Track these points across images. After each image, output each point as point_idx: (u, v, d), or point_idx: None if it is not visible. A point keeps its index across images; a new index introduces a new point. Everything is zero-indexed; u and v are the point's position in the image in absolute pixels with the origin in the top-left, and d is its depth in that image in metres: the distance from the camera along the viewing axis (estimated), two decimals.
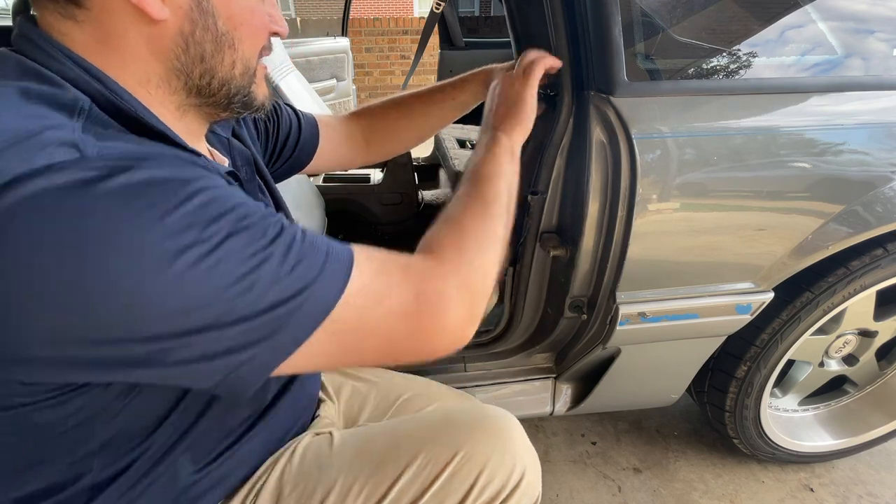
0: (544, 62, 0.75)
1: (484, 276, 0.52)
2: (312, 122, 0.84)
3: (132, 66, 0.43)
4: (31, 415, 0.41)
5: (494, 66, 0.85)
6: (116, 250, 0.33)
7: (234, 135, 0.65)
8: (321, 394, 0.78)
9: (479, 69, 0.86)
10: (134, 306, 0.35)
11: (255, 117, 0.75)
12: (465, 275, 0.50)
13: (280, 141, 0.78)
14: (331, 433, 0.67)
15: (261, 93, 0.52)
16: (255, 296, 0.38)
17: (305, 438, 0.66)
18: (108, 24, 0.41)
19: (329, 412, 0.75)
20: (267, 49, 0.51)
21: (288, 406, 0.64)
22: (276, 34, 0.51)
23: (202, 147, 0.54)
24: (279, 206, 0.68)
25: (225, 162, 0.59)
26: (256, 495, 0.60)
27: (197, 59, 0.45)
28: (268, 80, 1.67)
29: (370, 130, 0.89)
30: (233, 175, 0.53)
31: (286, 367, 0.42)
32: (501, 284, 1.04)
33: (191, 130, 0.50)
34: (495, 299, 1.09)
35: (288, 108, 0.82)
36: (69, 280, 0.33)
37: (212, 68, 0.46)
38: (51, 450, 0.45)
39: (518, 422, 0.67)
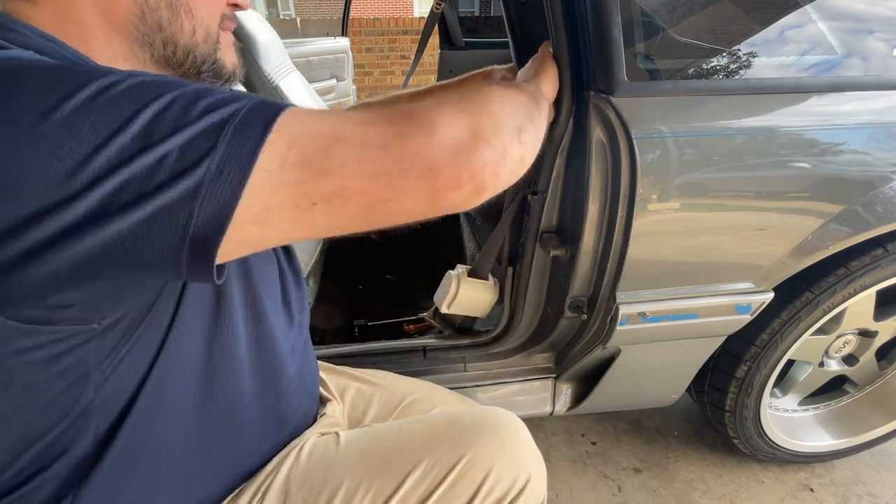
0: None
1: (495, 123, 0.43)
2: None
3: (96, 43, 0.43)
4: (23, 372, 0.40)
5: (494, 66, 0.85)
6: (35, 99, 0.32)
7: None
8: (325, 393, 0.78)
9: (479, 70, 0.86)
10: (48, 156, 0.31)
11: None
12: (464, 115, 0.41)
13: None
14: (337, 433, 0.67)
15: (229, 60, 0.52)
16: (180, 109, 0.33)
17: (312, 438, 0.66)
18: (62, 1, 0.41)
19: (335, 412, 0.75)
20: (229, 20, 0.51)
21: (287, 400, 0.64)
22: (236, 6, 0.51)
23: None
24: None
25: None
26: (264, 494, 0.60)
27: (155, 28, 0.45)
28: (268, 80, 1.67)
29: None
30: None
31: (250, 224, 0.35)
32: (501, 283, 1.04)
33: None
34: (494, 298, 1.09)
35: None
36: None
37: (172, 36, 0.46)
38: (43, 418, 0.44)
39: (524, 424, 0.67)
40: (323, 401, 0.77)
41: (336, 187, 0.36)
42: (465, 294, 1.01)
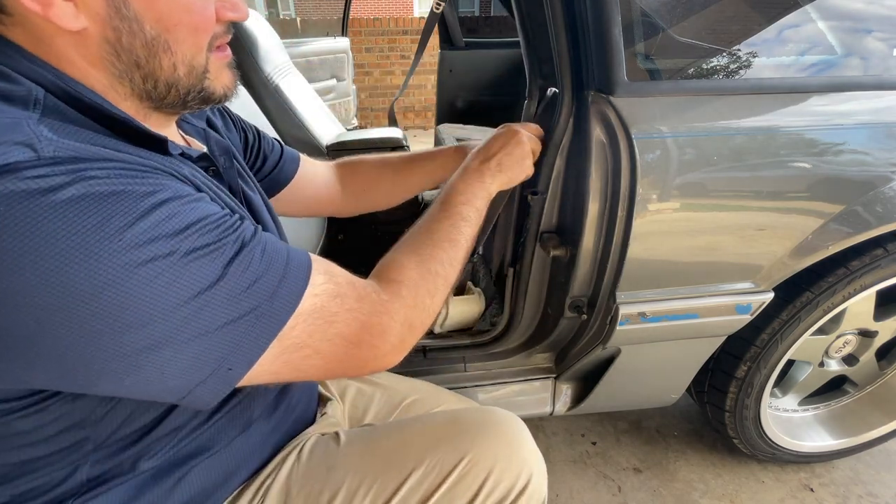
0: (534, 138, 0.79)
1: (428, 316, 0.55)
2: (294, 156, 0.85)
3: (76, 72, 0.41)
4: (13, 423, 0.41)
5: (472, 143, 0.86)
6: (70, 262, 0.33)
7: (211, 127, 0.65)
8: (326, 392, 0.78)
9: (460, 144, 0.88)
10: (85, 321, 0.34)
11: (240, 128, 0.75)
12: (412, 314, 0.52)
13: (261, 157, 0.78)
14: (337, 433, 0.67)
15: (219, 85, 0.49)
16: (209, 315, 0.38)
17: (312, 437, 0.66)
18: (36, 31, 0.39)
19: (335, 411, 0.75)
20: (223, 37, 0.48)
21: (285, 403, 0.64)
22: (232, 20, 0.48)
23: (172, 136, 0.53)
24: (262, 196, 0.67)
25: (202, 148, 0.58)
26: (265, 494, 0.60)
27: (132, 66, 0.43)
28: (268, 79, 1.67)
29: (349, 181, 0.90)
30: (207, 159, 0.52)
31: (237, 384, 0.42)
32: (500, 285, 1.05)
33: (156, 126, 0.49)
34: (483, 307, 1.11)
35: (272, 139, 0.82)
36: (14, 289, 0.32)
37: (152, 72, 0.44)
38: (41, 453, 0.45)
39: (525, 425, 0.67)
40: (323, 400, 0.77)
41: (295, 377, 0.47)
42: (455, 313, 1.09)
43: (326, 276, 0.47)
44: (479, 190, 0.68)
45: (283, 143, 0.84)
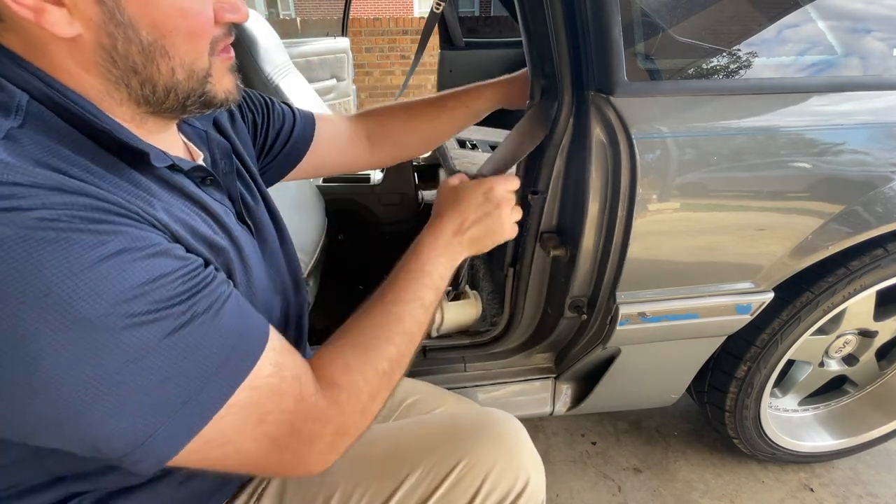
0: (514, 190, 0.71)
1: (365, 420, 0.50)
2: (309, 118, 0.81)
3: (68, 79, 0.40)
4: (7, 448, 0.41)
5: (511, 76, 0.85)
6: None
7: (217, 125, 0.63)
8: None
9: (496, 80, 0.85)
10: (5, 367, 0.32)
11: (246, 111, 0.72)
12: (347, 421, 0.48)
13: (271, 135, 0.76)
14: None
15: (221, 89, 0.47)
16: (136, 388, 0.35)
17: None
18: (30, 37, 0.38)
19: None
20: (224, 39, 0.46)
21: None
22: (232, 22, 0.46)
23: (171, 141, 0.52)
24: (265, 198, 0.65)
25: (199, 157, 0.57)
26: (259, 497, 0.60)
27: (129, 72, 0.41)
28: (268, 79, 1.67)
29: (375, 132, 0.87)
30: (202, 170, 0.51)
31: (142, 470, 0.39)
32: (501, 287, 1.05)
33: (154, 131, 0.48)
34: (480, 310, 1.11)
35: (283, 105, 0.79)
36: None
37: (149, 77, 0.42)
38: (41, 472, 0.45)
39: (522, 427, 0.67)
40: None
41: (211, 468, 0.43)
42: (450, 318, 1.07)
43: (275, 368, 0.43)
44: (446, 268, 0.62)
45: (294, 108, 0.80)
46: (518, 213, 0.70)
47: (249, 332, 0.42)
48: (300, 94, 1.85)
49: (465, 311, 1.09)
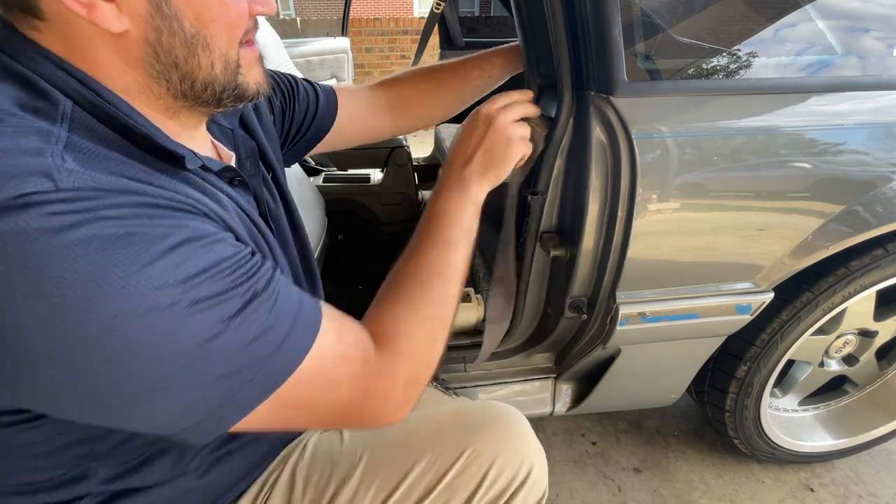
0: (524, 108, 0.71)
1: (430, 364, 0.53)
2: (331, 94, 0.81)
3: (109, 76, 0.41)
4: (13, 436, 0.41)
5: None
6: (74, 306, 0.32)
7: (243, 123, 0.63)
8: None
9: (508, 45, 0.85)
10: (84, 364, 0.34)
11: (274, 99, 0.73)
12: (414, 369, 0.50)
13: (297, 119, 0.76)
14: (340, 430, 0.67)
15: (252, 81, 0.49)
16: (207, 366, 0.37)
17: (316, 434, 0.67)
18: (72, 36, 0.39)
19: None
20: (252, 30, 0.48)
21: None
22: (260, 14, 0.47)
23: (200, 140, 0.53)
24: (285, 199, 0.67)
25: (230, 158, 0.58)
26: (270, 489, 0.61)
27: (171, 66, 0.42)
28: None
29: (397, 99, 0.87)
30: (231, 170, 0.52)
31: (228, 430, 0.42)
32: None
33: (186, 127, 0.49)
34: (481, 314, 1.11)
35: (305, 83, 0.79)
36: (23, 328, 0.32)
37: (190, 72, 0.43)
38: (45, 465, 0.45)
39: (525, 418, 0.68)
40: None
41: (287, 428, 0.47)
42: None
43: (336, 336, 0.45)
44: (464, 206, 0.62)
45: (315, 85, 0.80)
46: (524, 129, 0.68)
47: (305, 307, 0.44)
48: None
49: (465, 315, 1.08)
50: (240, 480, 0.60)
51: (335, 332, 0.45)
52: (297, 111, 0.76)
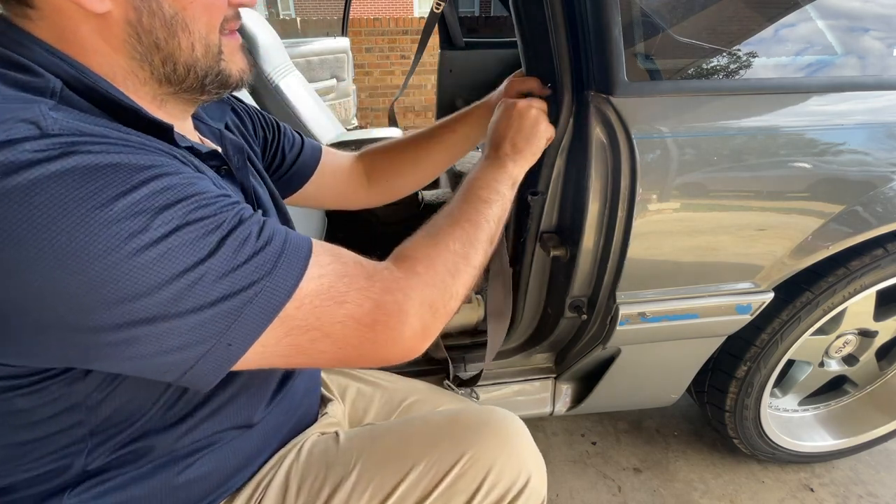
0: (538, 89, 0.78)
1: (450, 297, 0.52)
2: (316, 148, 0.84)
3: (96, 60, 0.43)
4: (13, 400, 0.42)
5: (492, 95, 0.85)
6: (61, 232, 0.33)
7: (229, 128, 0.65)
8: (327, 393, 0.78)
9: (479, 102, 0.86)
10: (78, 292, 0.34)
11: (258, 127, 0.75)
12: (431, 293, 0.50)
13: (279, 154, 0.78)
14: (336, 432, 0.67)
15: (235, 68, 0.50)
16: (204, 289, 0.38)
17: (312, 436, 0.66)
18: (61, 22, 0.41)
19: (336, 411, 0.75)
20: (232, 21, 0.49)
21: (284, 402, 0.64)
22: (241, 5, 0.49)
23: (188, 133, 0.54)
24: (273, 196, 0.67)
25: (216, 147, 0.58)
26: (264, 491, 0.60)
27: (153, 48, 0.44)
28: (268, 80, 1.67)
29: (373, 169, 0.89)
30: (216, 156, 0.53)
31: (242, 364, 0.42)
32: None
33: (174, 117, 0.50)
34: (482, 314, 1.11)
35: (292, 130, 0.82)
36: (11, 260, 0.33)
37: (171, 54, 0.45)
38: (38, 434, 0.45)
39: (524, 424, 0.67)
40: (324, 400, 0.77)
41: (307, 362, 0.46)
42: (452, 319, 1.06)
43: (332, 257, 0.46)
44: (500, 177, 0.65)
45: (303, 136, 0.83)
46: (543, 105, 0.76)
47: (293, 233, 0.45)
48: (300, 94, 1.85)
49: (466, 315, 1.09)
50: (231, 477, 0.59)
51: (330, 254, 0.46)
52: (279, 148, 0.78)
